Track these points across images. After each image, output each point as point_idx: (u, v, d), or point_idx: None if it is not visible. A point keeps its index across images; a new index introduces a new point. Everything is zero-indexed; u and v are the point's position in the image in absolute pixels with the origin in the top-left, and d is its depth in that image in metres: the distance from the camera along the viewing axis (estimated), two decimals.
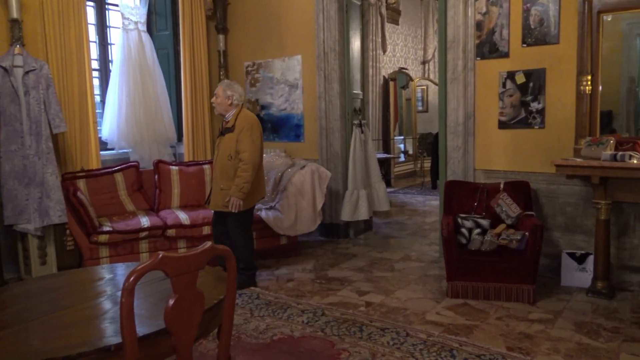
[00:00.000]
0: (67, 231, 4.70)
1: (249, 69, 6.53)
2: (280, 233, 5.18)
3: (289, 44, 6.15)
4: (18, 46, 4.51)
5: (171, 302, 1.66)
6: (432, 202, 8.24)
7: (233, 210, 4.22)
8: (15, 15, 4.62)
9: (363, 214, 5.81)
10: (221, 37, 6.59)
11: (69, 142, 5.11)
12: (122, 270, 2.66)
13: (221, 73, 6.63)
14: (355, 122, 5.85)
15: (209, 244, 1.75)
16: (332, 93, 5.81)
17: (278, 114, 6.33)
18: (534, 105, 4.50)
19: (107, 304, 2.15)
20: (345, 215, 5.76)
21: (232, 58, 6.69)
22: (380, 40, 10.05)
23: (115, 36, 6.06)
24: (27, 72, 4.46)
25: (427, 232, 6.37)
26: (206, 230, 4.96)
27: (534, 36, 4.44)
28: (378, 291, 4.30)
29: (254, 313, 3.88)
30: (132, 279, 1.57)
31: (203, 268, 1.74)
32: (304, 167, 5.40)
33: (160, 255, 1.60)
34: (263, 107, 6.45)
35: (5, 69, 4.43)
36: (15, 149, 4.45)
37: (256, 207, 5.27)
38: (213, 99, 4.40)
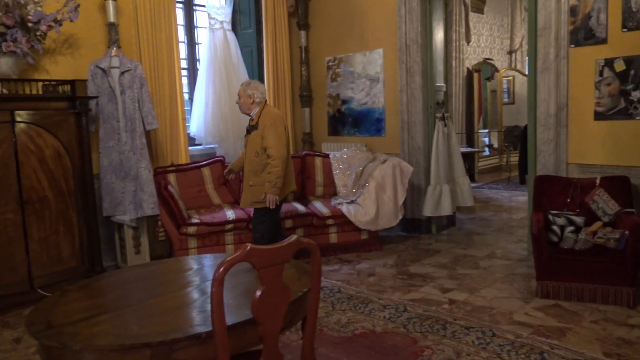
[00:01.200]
0: (159, 223, 4.96)
1: (330, 63, 6.55)
2: (361, 227, 5.17)
3: (370, 37, 6.10)
4: (115, 48, 4.79)
5: (258, 293, 1.70)
6: (519, 198, 7.90)
7: (270, 207, 4.25)
8: (112, 19, 4.92)
9: (446, 209, 5.67)
10: (302, 33, 6.66)
11: (160, 138, 5.38)
12: (209, 261, 2.76)
13: (302, 69, 6.70)
14: (438, 115, 5.72)
15: (294, 237, 1.77)
16: (414, 86, 5.71)
17: (359, 108, 6.31)
18: (635, 95, 4.18)
19: (196, 294, 2.23)
20: (428, 211, 5.66)
21: (313, 53, 6.75)
22: (464, 30, 9.74)
23: (202, 36, 6.30)
24: (122, 73, 4.74)
25: (514, 229, 6.11)
26: (289, 223, 5.05)
27: (636, 20, 4.12)
28: (462, 289, 4.19)
29: (336, 307, 3.90)
30: (221, 269, 1.62)
31: (289, 261, 1.76)
32: (385, 161, 5.35)
33: (248, 248, 1.64)
34: (344, 102, 6.46)
35: (103, 70, 4.72)
36: (113, 145, 4.74)
37: (337, 200, 5.31)
38: (236, 100, 4.47)
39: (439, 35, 5.87)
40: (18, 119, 4.07)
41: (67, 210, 4.40)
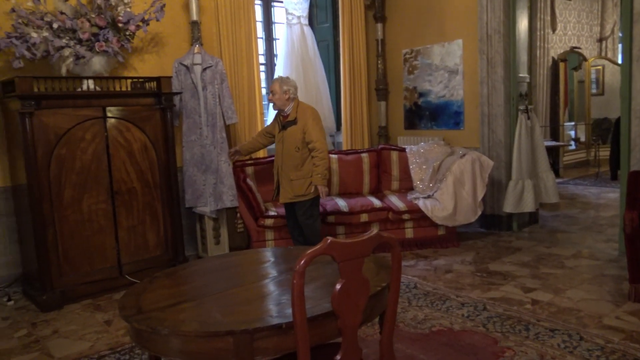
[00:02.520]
0: (238, 214, 5.10)
1: (407, 56, 6.44)
2: (438, 223, 5.06)
3: (449, 28, 5.94)
4: (197, 46, 4.96)
5: (338, 286, 1.70)
6: (609, 195, 7.44)
7: (323, 197, 4.43)
8: (195, 17, 5.10)
9: (528, 206, 5.43)
10: (379, 25, 6.60)
11: (239, 132, 5.52)
12: (287, 253, 2.80)
13: (379, 62, 6.64)
14: (521, 107, 5.48)
15: (375, 231, 1.75)
16: (495, 77, 5.50)
17: (436, 101, 6.17)
18: None
19: (275, 285, 2.27)
20: (509, 207, 5.44)
21: (389, 46, 6.67)
22: (549, 18, 9.27)
23: (279, 31, 6.39)
24: (204, 69, 4.90)
25: (603, 227, 5.76)
26: (364, 217, 5.03)
27: None
28: (546, 289, 4.00)
29: (412, 302, 3.85)
30: (302, 262, 1.63)
31: (369, 255, 1.75)
32: (464, 155, 5.20)
33: (329, 241, 1.64)
34: (421, 95, 6.34)
35: (187, 67, 4.91)
36: (195, 139, 4.92)
37: (414, 195, 5.22)
38: (270, 97, 4.43)
39: (522, 23, 5.61)
40: (109, 114, 4.31)
41: (153, 201, 4.61)
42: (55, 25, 4.10)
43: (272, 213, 4.90)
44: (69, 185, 4.14)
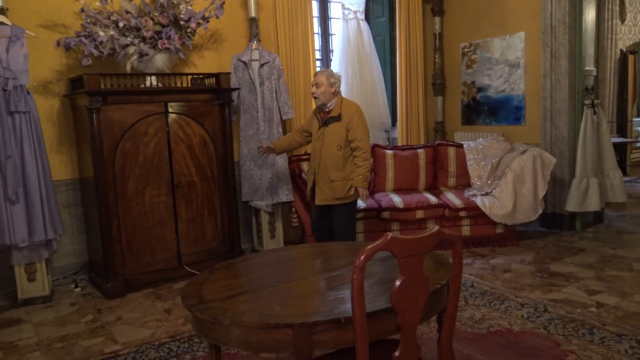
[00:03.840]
0: (293, 209, 5.15)
1: (465, 50, 6.30)
2: (496, 221, 4.94)
3: (510, 20, 5.76)
4: (255, 42, 5.03)
5: (398, 282, 1.68)
6: None
7: (364, 200, 4.18)
8: (253, 14, 5.16)
9: (593, 205, 5.21)
10: (437, 19, 6.48)
11: (294, 127, 5.55)
12: (343, 248, 2.80)
13: (436, 56, 6.53)
14: (587, 102, 5.25)
15: (436, 227, 1.72)
16: (559, 71, 5.29)
17: (496, 96, 6.00)
18: None
19: (332, 279, 2.28)
20: (572, 206, 5.24)
21: (447, 40, 6.54)
22: (617, 8, 8.83)
23: (335, 26, 6.38)
24: (262, 65, 4.96)
25: None
26: (420, 214, 4.97)
27: None
28: (612, 292, 3.82)
29: (469, 301, 3.77)
30: (362, 257, 1.62)
31: (430, 252, 1.72)
32: (524, 152, 5.04)
33: (389, 237, 1.63)
34: (480, 90, 6.18)
35: (244, 63, 4.98)
36: (252, 133, 5.00)
37: (471, 192, 5.12)
38: (314, 89, 4.09)
39: (589, 14, 5.37)
40: (170, 110, 4.44)
41: (211, 194, 4.72)
42: (121, 24, 4.25)
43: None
44: (132, 178, 4.29)
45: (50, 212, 4.10)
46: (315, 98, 4.14)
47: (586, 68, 5.37)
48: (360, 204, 4.64)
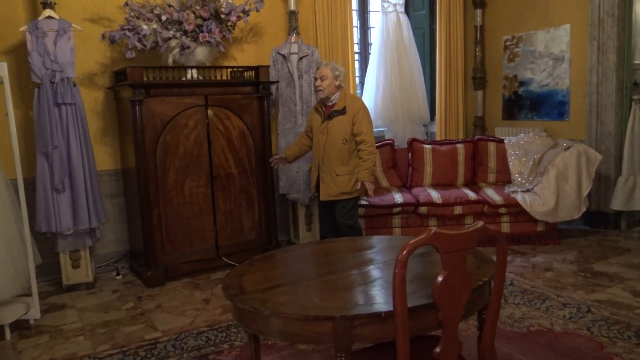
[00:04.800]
0: None
1: (508, 43, 6.15)
2: (537, 218, 4.82)
3: (555, 12, 5.60)
4: (294, 35, 5.04)
5: (440, 278, 1.66)
6: None
7: (370, 195, 4.14)
8: (292, 7, 5.17)
9: None
10: (478, 11, 6.35)
11: None
12: (381, 242, 2.78)
13: (477, 49, 6.40)
14: (636, 97, 5.07)
15: (480, 223, 1.69)
16: (606, 65, 5.12)
17: (539, 90, 5.85)
18: None
19: (371, 273, 2.27)
20: (617, 204, 5.07)
21: (489, 33, 6.40)
22: None
23: (374, 20, 6.33)
24: (301, 58, 4.96)
25: None
26: (458, 210, 4.90)
27: None
28: None
29: (508, 300, 3.70)
30: (405, 251, 1.61)
31: (473, 248, 1.69)
32: (568, 148, 4.90)
33: (433, 231, 1.61)
34: (522, 84, 6.03)
35: (283, 56, 5.00)
36: (290, 127, 5.01)
37: (512, 189, 5.01)
38: (318, 82, 4.05)
39: (639, 6, 5.17)
40: (210, 102, 4.49)
41: (249, 186, 4.76)
42: (163, 18, 4.32)
43: (363, 202, 4.90)
44: (172, 169, 4.37)
45: (94, 201, 4.22)
46: (319, 91, 4.08)
47: (635, 62, 5.18)
48: (363, 202, 4.71)
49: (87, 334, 3.47)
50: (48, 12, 4.03)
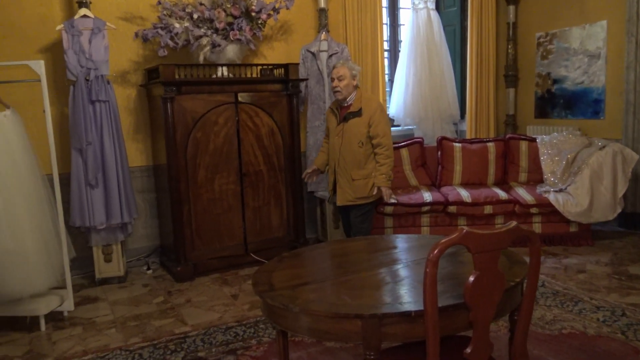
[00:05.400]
0: None
1: (541, 40, 6.03)
2: (570, 219, 4.72)
3: (591, 8, 5.46)
4: (324, 33, 5.04)
5: (472, 278, 1.64)
6: None
7: (387, 200, 4.00)
8: (322, 5, 5.16)
9: None
10: (511, 8, 6.24)
11: None
12: (410, 241, 2.76)
13: (509, 46, 6.30)
14: None
15: (514, 223, 1.67)
16: None
17: (573, 88, 5.72)
18: None
19: (400, 272, 2.26)
20: None
21: (521, 30, 6.28)
22: None
23: (404, 17, 6.28)
24: (330, 56, 4.96)
25: None
26: (488, 209, 4.84)
27: None
28: None
29: (540, 301, 3.63)
30: (436, 251, 1.59)
31: (506, 248, 1.67)
32: (603, 147, 4.78)
33: (465, 231, 1.59)
34: (555, 81, 5.91)
35: (313, 54, 5.00)
36: (318, 124, 5.02)
37: (544, 188, 4.92)
38: (335, 83, 3.84)
39: None
40: (240, 100, 4.52)
41: (278, 184, 4.78)
42: (195, 16, 4.37)
43: (392, 201, 4.86)
44: (202, 166, 4.42)
45: (126, 196, 4.30)
46: (336, 92, 3.87)
47: None
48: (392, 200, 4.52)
49: (118, 326, 3.54)
50: (83, 11, 4.11)
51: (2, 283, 3.28)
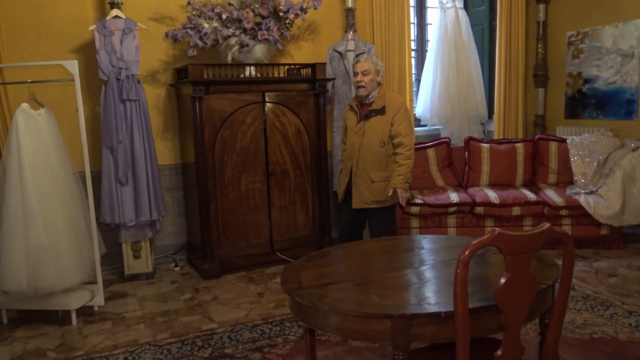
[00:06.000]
0: None
1: (572, 39, 5.92)
2: (601, 222, 4.63)
3: (625, 6, 5.34)
4: (351, 32, 5.03)
5: (503, 280, 1.63)
6: None
7: (403, 204, 3.78)
8: (350, 4, 5.16)
9: None
10: (541, 6, 6.13)
11: None
12: (437, 242, 2.74)
13: (539, 46, 6.19)
14: None
15: (547, 225, 1.64)
16: None
17: (605, 88, 5.60)
18: None
19: (429, 272, 2.24)
20: None
21: (552, 29, 6.17)
22: None
23: (432, 16, 6.24)
24: (357, 55, 4.94)
25: None
26: (516, 211, 4.77)
27: None
28: None
29: (569, 305, 3.57)
30: (467, 252, 1.58)
31: (538, 250, 1.65)
32: (636, 149, 4.68)
33: (497, 232, 1.57)
34: (586, 81, 5.79)
35: (340, 54, 5.00)
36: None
37: (574, 190, 4.84)
38: (359, 78, 3.69)
39: None
40: (267, 99, 4.55)
41: (304, 183, 4.80)
42: (224, 16, 4.41)
43: (418, 201, 4.84)
44: (230, 164, 4.46)
45: (155, 194, 4.36)
46: (360, 87, 3.72)
47: None
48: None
49: (147, 322, 3.59)
50: (115, 11, 4.19)
51: (37, 277, 3.36)
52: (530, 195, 4.85)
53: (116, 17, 4.18)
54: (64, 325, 3.57)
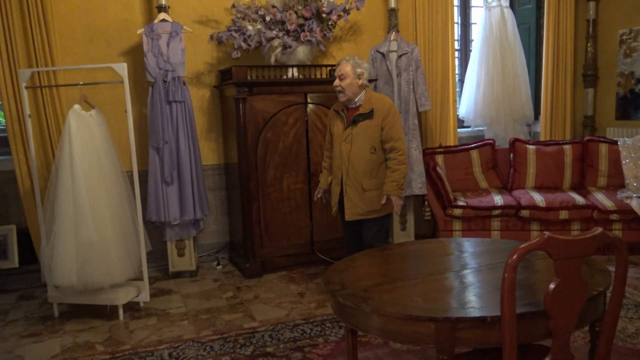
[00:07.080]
0: (426, 202, 5.05)
1: (624, 37, 5.71)
2: None
3: None
4: (394, 33, 4.99)
5: (552, 285, 1.58)
6: None
7: (397, 212, 3.57)
8: (392, 5, 5.12)
9: None
10: (591, 4, 5.93)
11: (430, 119, 5.45)
12: (483, 246, 2.69)
13: (588, 44, 6.00)
14: None
15: (599, 229, 1.59)
16: None
17: None
18: None
19: (473, 276, 2.20)
20: None
21: (602, 27, 5.97)
22: None
23: (476, 15, 6.13)
24: (400, 56, 4.92)
25: None
26: (563, 214, 4.64)
27: None
28: None
29: (620, 313, 3.43)
30: (515, 256, 1.55)
31: (590, 255, 1.60)
32: None
33: (546, 236, 1.53)
34: (639, 81, 5.58)
35: (382, 54, 4.97)
36: None
37: (625, 194, 4.66)
38: (337, 83, 3.50)
39: None
40: (309, 100, 4.57)
41: None
42: (267, 18, 4.46)
43: (461, 203, 4.77)
44: (272, 165, 4.50)
45: (199, 194, 4.45)
46: (339, 92, 3.54)
47: None
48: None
49: (190, 319, 3.67)
50: (162, 15, 4.29)
51: (86, 273, 3.48)
52: (579, 199, 4.70)
53: (163, 20, 4.28)
54: (112, 319, 3.68)
